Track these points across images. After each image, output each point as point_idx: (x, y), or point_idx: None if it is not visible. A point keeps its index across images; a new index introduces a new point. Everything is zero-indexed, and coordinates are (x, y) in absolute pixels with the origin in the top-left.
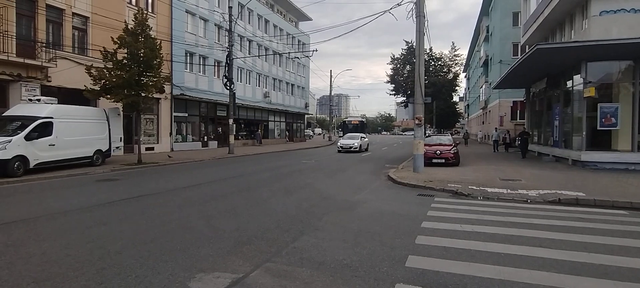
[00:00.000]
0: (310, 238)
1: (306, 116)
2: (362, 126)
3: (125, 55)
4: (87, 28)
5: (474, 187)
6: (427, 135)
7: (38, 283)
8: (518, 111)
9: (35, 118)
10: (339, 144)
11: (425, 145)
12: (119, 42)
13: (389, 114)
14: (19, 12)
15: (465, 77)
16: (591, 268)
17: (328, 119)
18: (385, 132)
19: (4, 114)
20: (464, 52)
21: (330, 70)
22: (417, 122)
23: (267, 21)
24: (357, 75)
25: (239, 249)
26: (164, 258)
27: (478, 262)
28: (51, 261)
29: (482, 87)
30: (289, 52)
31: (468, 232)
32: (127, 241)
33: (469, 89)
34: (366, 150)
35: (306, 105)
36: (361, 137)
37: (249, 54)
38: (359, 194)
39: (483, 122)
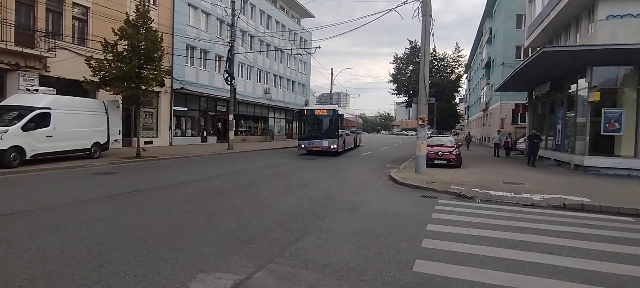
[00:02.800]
0: (313, 239)
1: None
2: (336, 121)
3: (126, 47)
4: (87, 18)
5: (477, 190)
6: (428, 136)
7: (32, 280)
8: (519, 114)
9: (33, 108)
10: None
11: (427, 146)
12: (119, 33)
13: (388, 113)
14: (18, 0)
15: (467, 78)
16: (604, 277)
17: None
18: (384, 132)
19: (1, 104)
20: (466, 53)
21: (332, 68)
22: (420, 122)
23: (269, 17)
24: (357, 74)
25: (240, 249)
26: (163, 256)
27: (487, 268)
28: (47, 257)
29: (483, 88)
30: (291, 49)
31: (475, 237)
32: (125, 237)
33: (469, 90)
34: None
35: (306, 103)
36: None
37: (251, 49)
38: (361, 194)
39: (483, 124)
